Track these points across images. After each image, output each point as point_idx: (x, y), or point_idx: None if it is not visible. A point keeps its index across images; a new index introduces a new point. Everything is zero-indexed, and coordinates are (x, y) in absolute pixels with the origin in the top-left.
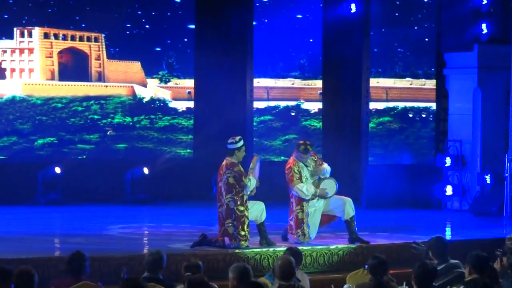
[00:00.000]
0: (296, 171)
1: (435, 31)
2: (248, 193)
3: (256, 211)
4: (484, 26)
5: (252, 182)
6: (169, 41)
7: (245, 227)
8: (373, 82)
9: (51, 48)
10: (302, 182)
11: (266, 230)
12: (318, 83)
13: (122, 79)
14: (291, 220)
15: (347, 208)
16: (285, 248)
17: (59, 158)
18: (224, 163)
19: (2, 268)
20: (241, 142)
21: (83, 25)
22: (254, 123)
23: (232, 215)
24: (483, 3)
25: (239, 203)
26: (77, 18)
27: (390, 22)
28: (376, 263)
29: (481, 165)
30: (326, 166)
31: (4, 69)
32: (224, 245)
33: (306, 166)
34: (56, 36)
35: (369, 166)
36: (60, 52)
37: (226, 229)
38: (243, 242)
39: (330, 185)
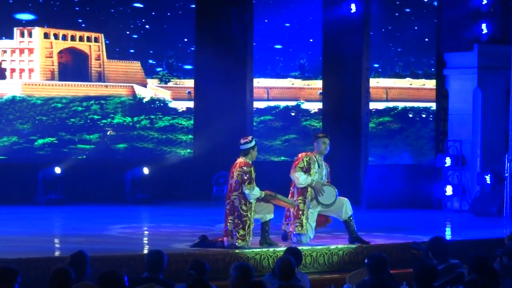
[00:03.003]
0: (305, 161)
1: (435, 31)
2: (252, 200)
3: (264, 210)
4: (484, 26)
5: (255, 192)
6: (169, 41)
7: (246, 227)
8: (373, 82)
9: (51, 48)
10: (303, 173)
11: (268, 230)
12: (318, 83)
13: (122, 79)
14: (287, 211)
15: (345, 208)
16: (285, 248)
17: (59, 158)
18: (238, 161)
19: (7, 267)
20: (254, 141)
21: (83, 25)
22: (254, 123)
23: (235, 213)
24: (483, 3)
25: (243, 202)
26: (77, 18)
27: (390, 22)
28: (375, 261)
29: (481, 165)
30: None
31: (4, 69)
32: (223, 246)
33: (319, 165)
34: (56, 36)
35: (369, 166)
36: (60, 52)
37: (227, 225)
38: (240, 241)
39: (329, 193)
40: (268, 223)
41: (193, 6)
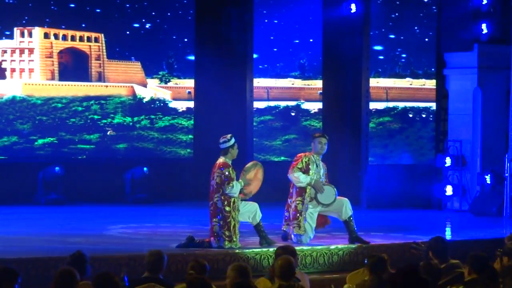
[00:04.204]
0: (303, 161)
1: (435, 31)
2: (236, 195)
3: (248, 212)
4: (484, 26)
5: (236, 188)
6: (169, 41)
7: (231, 227)
8: (373, 82)
9: (51, 48)
10: (301, 172)
11: (264, 230)
12: (318, 83)
13: (122, 79)
14: (286, 211)
15: (345, 208)
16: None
17: (59, 158)
18: (217, 162)
19: (7, 268)
20: (233, 139)
21: (83, 25)
22: (254, 123)
23: (219, 214)
24: (483, 3)
25: (226, 203)
26: (77, 18)
27: (390, 22)
28: (375, 261)
29: (481, 165)
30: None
31: (4, 69)
32: (211, 246)
33: (317, 165)
34: (56, 36)
35: (369, 166)
36: (60, 52)
37: (212, 228)
38: (227, 243)
39: (329, 192)
40: (260, 223)
41: (193, 6)
